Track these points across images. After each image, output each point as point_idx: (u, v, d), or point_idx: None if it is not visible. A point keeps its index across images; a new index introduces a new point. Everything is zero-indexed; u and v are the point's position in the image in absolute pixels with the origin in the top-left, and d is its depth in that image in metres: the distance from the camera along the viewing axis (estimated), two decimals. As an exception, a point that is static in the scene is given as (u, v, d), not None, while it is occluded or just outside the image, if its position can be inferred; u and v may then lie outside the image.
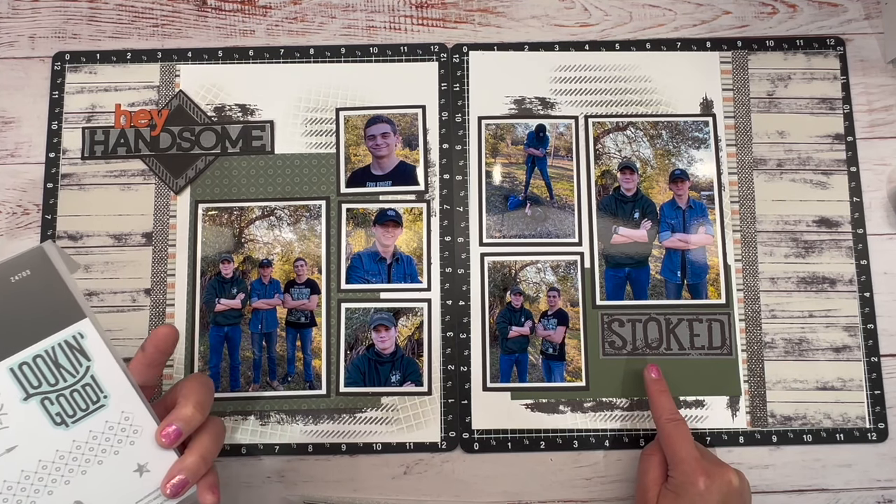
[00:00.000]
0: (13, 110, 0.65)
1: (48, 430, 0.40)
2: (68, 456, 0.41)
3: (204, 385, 0.46)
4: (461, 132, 0.65)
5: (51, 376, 0.41)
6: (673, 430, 0.53)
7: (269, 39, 0.67)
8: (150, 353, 0.45)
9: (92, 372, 0.41)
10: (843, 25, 0.67)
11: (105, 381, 0.42)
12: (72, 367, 0.41)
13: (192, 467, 0.42)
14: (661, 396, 0.56)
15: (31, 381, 0.40)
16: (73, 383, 0.41)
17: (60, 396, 0.41)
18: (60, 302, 0.41)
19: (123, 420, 0.42)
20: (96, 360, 0.42)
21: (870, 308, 0.62)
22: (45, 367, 0.41)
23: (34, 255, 0.41)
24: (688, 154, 0.64)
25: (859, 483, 0.60)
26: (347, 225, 0.63)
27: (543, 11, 0.67)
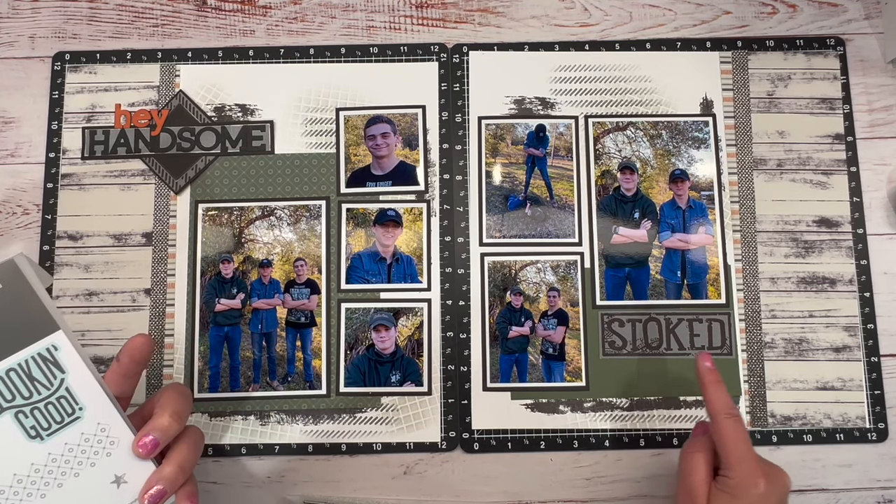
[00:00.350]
0: (13, 110, 0.65)
1: (23, 444, 0.40)
2: (44, 469, 0.40)
3: (181, 394, 0.46)
4: (461, 132, 0.65)
5: (24, 389, 0.40)
6: (732, 427, 0.48)
7: (269, 39, 0.67)
8: (125, 363, 0.44)
9: (66, 384, 0.41)
10: (843, 25, 0.67)
11: (80, 392, 0.41)
12: (46, 379, 0.41)
13: (170, 477, 0.42)
14: (717, 388, 0.50)
15: (5, 394, 0.40)
16: (47, 396, 0.41)
17: (35, 409, 0.41)
18: (33, 314, 0.41)
19: (100, 431, 0.41)
20: (71, 372, 0.41)
21: (870, 308, 0.62)
22: (19, 381, 0.40)
23: (6, 269, 0.40)
24: (688, 154, 0.64)
25: (859, 483, 0.60)
26: (347, 225, 0.63)
27: (543, 11, 0.67)
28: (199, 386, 0.61)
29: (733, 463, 0.47)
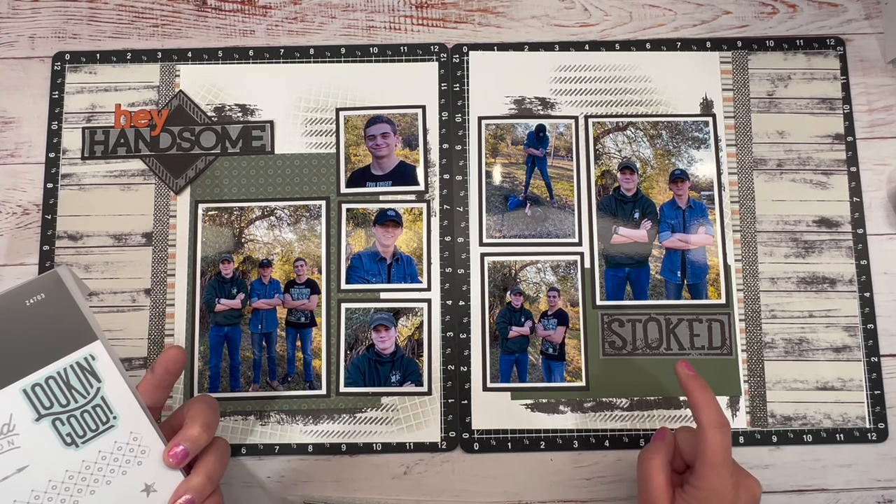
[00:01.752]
0: (13, 110, 0.65)
1: (59, 451, 0.41)
2: (77, 476, 0.41)
3: (210, 406, 0.46)
4: (461, 132, 0.65)
5: (62, 397, 0.41)
6: (720, 440, 0.46)
7: (269, 39, 0.67)
8: (159, 374, 0.45)
9: (102, 393, 0.42)
10: (843, 25, 0.67)
11: (115, 401, 0.42)
12: (83, 388, 0.42)
13: (199, 487, 0.43)
14: (705, 395, 0.48)
15: (44, 401, 0.41)
16: (83, 404, 0.42)
17: (71, 417, 0.41)
18: (73, 324, 0.42)
19: (132, 440, 0.42)
20: (106, 382, 0.42)
21: (870, 308, 0.62)
22: (57, 389, 0.41)
23: (49, 280, 0.41)
24: (688, 154, 0.64)
25: (859, 483, 0.60)
26: (347, 225, 0.63)
27: (543, 11, 0.67)
28: (199, 386, 0.61)
29: (707, 474, 0.46)
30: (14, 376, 0.40)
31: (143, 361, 0.61)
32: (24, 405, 0.40)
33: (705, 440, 0.46)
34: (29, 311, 0.41)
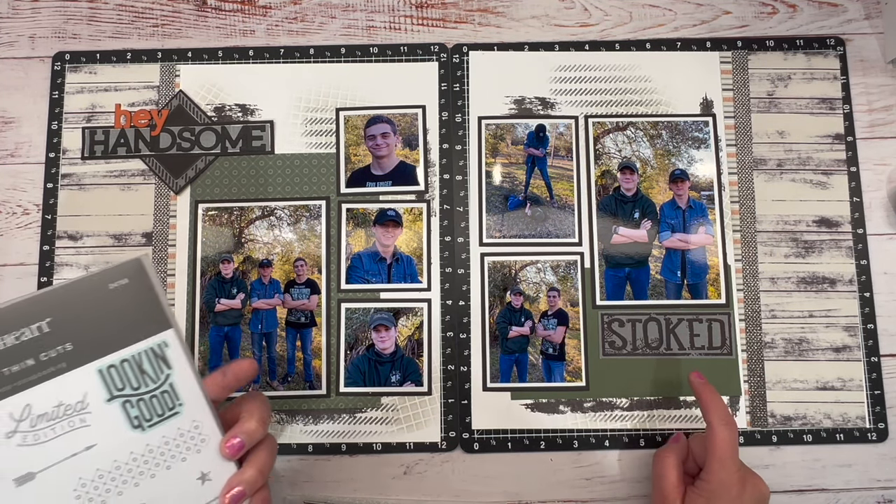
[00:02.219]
0: (13, 110, 0.65)
1: (126, 432, 0.42)
2: (140, 459, 0.42)
3: (265, 403, 0.48)
4: (461, 132, 0.65)
5: (134, 380, 0.42)
6: (727, 434, 0.50)
7: (269, 39, 0.67)
8: (229, 378, 0.46)
9: (171, 380, 0.43)
10: (843, 25, 0.67)
11: (182, 389, 0.43)
12: (154, 373, 0.43)
13: (251, 480, 0.44)
14: (713, 395, 0.52)
15: (117, 383, 0.42)
16: (153, 389, 0.42)
17: (140, 401, 0.42)
18: (151, 311, 0.43)
19: (193, 429, 0.43)
20: (176, 369, 0.43)
21: (870, 308, 0.62)
22: (131, 372, 0.42)
23: (132, 266, 0.42)
24: (688, 154, 0.64)
25: (859, 483, 0.60)
26: (347, 225, 0.63)
27: (543, 11, 0.67)
28: (199, 386, 0.61)
29: (715, 467, 0.49)
30: (92, 356, 0.41)
31: (143, 361, 0.61)
32: (99, 385, 0.41)
33: (714, 435, 0.50)
34: (111, 295, 0.42)
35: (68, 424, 0.40)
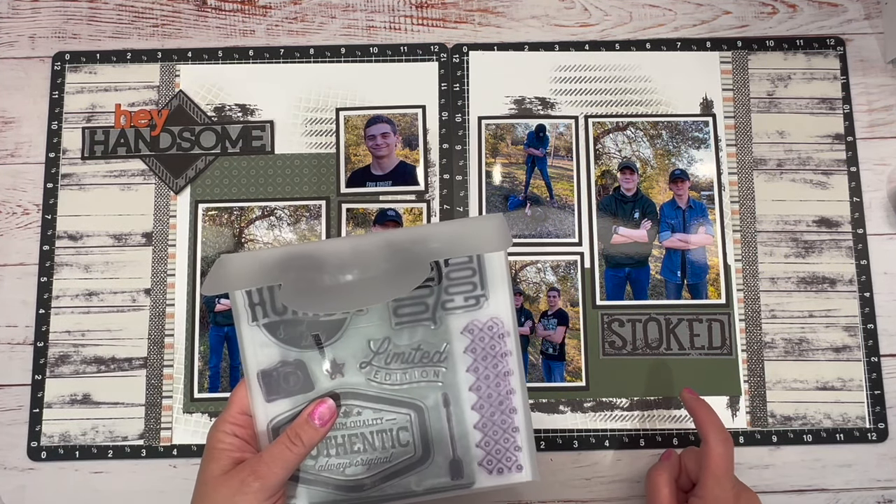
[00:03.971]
0: (13, 110, 0.65)
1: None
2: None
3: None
4: (461, 132, 0.65)
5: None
6: (723, 451, 0.49)
7: (269, 39, 0.67)
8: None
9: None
10: (843, 25, 0.67)
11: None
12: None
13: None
14: (709, 411, 0.52)
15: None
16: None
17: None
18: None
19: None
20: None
21: (870, 308, 0.62)
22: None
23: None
24: (688, 154, 0.64)
25: (859, 483, 0.60)
26: (347, 225, 0.63)
27: (543, 11, 0.67)
28: (199, 386, 0.61)
29: (710, 483, 0.49)
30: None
31: (143, 361, 0.61)
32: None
33: (710, 452, 0.49)
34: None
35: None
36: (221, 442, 0.42)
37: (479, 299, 0.44)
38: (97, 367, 0.61)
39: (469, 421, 0.44)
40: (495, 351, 0.44)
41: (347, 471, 0.44)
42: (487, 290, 0.44)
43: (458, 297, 0.44)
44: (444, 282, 0.44)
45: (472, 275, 0.44)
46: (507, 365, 0.44)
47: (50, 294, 0.62)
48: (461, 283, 0.44)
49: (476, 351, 0.44)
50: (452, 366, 0.44)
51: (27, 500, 0.60)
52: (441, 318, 0.44)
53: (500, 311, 0.44)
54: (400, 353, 0.44)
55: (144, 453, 0.60)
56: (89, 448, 0.60)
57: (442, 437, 0.44)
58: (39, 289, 0.62)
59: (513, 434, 0.44)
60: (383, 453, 0.44)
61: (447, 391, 0.44)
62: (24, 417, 0.60)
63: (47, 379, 0.61)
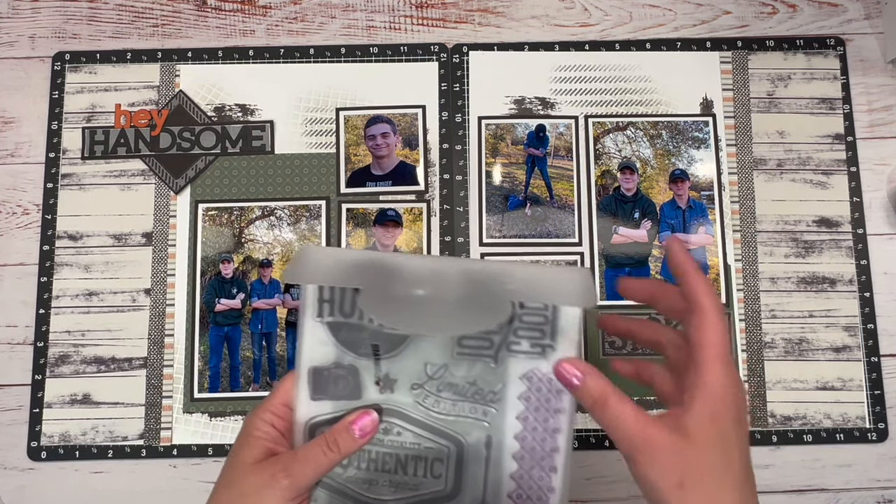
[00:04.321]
0: (13, 110, 0.65)
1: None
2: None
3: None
4: (461, 132, 0.65)
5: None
6: (725, 325, 0.37)
7: (269, 39, 0.67)
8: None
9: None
10: (843, 25, 0.67)
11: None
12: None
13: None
14: (703, 278, 0.39)
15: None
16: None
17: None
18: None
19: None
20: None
21: (870, 308, 0.62)
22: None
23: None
24: (688, 154, 0.64)
25: (859, 483, 0.60)
26: (347, 225, 0.63)
27: (543, 11, 0.67)
28: (199, 386, 0.61)
29: (714, 367, 0.36)
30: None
31: (143, 361, 0.61)
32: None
33: (707, 324, 0.37)
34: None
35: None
36: (259, 429, 0.41)
37: (546, 349, 0.42)
38: (97, 367, 0.61)
39: (506, 469, 0.42)
40: (549, 405, 0.43)
41: (373, 488, 0.43)
42: (556, 342, 0.42)
43: (525, 341, 0.42)
44: (514, 323, 0.42)
45: (544, 322, 0.42)
46: (558, 422, 0.42)
47: (50, 294, 0.62)
48: (531, 328, 0.42)
49: (530, 400, 0.43)
50: (503, 409, 0.42)
51: (27, 500, 0.60)
52: (503, 359, 0.42)
53: None
54: (454, 384, 0.43)
55: (144, 453, 0.60)
56: (89, 448, 0.60)
57: (476, 478, 0.43)
58: (39, 289, 0.62)
59: (547, 494, 0.42)
60: (413, 479, 0.43)
61: (492, 433, 0.43)
62: (24, 417, 0.60)
63: (47, 379, 0.61)
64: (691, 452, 0.35)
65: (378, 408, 0.43)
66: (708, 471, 0.35)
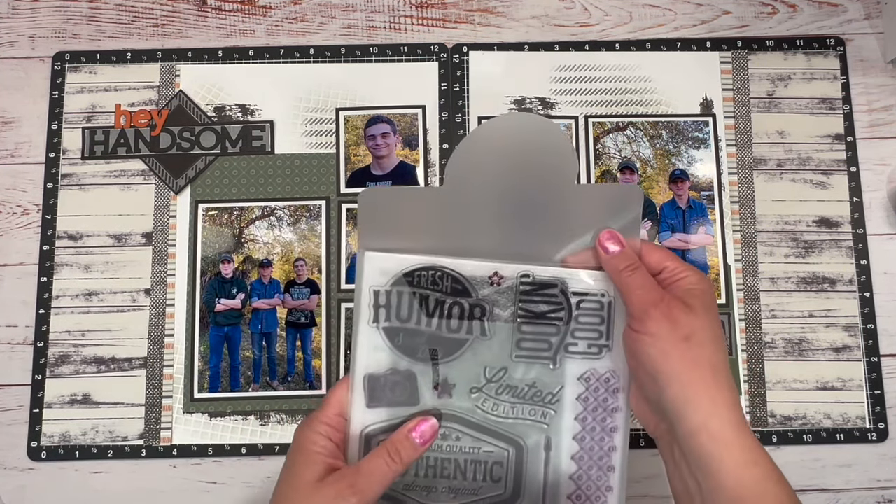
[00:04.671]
0: (13, 110, 0.65)
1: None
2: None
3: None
4: (461, 132, 0.65)
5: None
6: (709, 283, 0.42)
7: (269, 39, 0.67)
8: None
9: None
10: (843, 25, 0.67)
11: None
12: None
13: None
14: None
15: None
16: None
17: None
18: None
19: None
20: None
21: (870, 308, 0.62)
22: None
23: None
24: (688, 154, 0.64)
25: (859, 483, 0.60)
26: (347, 225, 0.63)
27: (543, 11, 0.67)
28: (199, 386, 0.61)
29: (709, 315, 0.40)
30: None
31: (143, 361, 0.61)
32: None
33: (689, 278, 0.41)
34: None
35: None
36: (315, 444, 0.40)
37: (602, 349, 0.43)
38: (97, 367, 0.61)
39: (565, 470, 0.43)
40: (607, 405, 0.43)
41: (431, 495, 0.43)
42: (612, 342, 0.43)
43: (583, 342, 0.43)
44: (571, 324, 0.43)
45: (601, 323, 0.43)
46: (615, 421, 0.43)
47: (50, 294, 0.62)
48: (588, 328, 0.43)
49: (587, 401, 0.43)
50: (561, 410, 0.43)
51: (27, 500, 0.60)
52: (561, 360, 0.43)
53: (619, 365, 0.43)
54: (513, 387, 0.43)
55: (144, 453, 0.60)
56: (89, 448, 0.60)
57: (535, 481, 0.43)
58: (39, 289, 0.62)
59: (605, 493, 0.43)
60: (472, 484, 0.43)
61: (551, 435, 0.43)
62: (24, 417, 0.60)
63: (47, 379, 0.61)
64: (698, 316, 0.40)
65: (436, 413, 0.42)
66: (710, 332, 0.40)
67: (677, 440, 0.39)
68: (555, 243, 0.43)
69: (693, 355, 0.39)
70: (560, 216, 0.43)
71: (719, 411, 0.38)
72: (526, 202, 0.43)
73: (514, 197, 0.43)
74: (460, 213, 0.43)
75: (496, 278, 0.43)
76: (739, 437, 0.38)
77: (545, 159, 0.42)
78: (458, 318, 0.43)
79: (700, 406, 0.38)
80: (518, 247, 0.43)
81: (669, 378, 0.39)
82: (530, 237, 0.43)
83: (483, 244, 0.43)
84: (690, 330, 0.39)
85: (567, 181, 0.43)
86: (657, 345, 0.39)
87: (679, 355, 0.39)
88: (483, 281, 0.43)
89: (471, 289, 0.43)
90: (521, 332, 0.43)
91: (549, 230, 0.43)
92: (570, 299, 0.43)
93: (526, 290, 0.43)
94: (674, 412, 0.39)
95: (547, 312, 0.43)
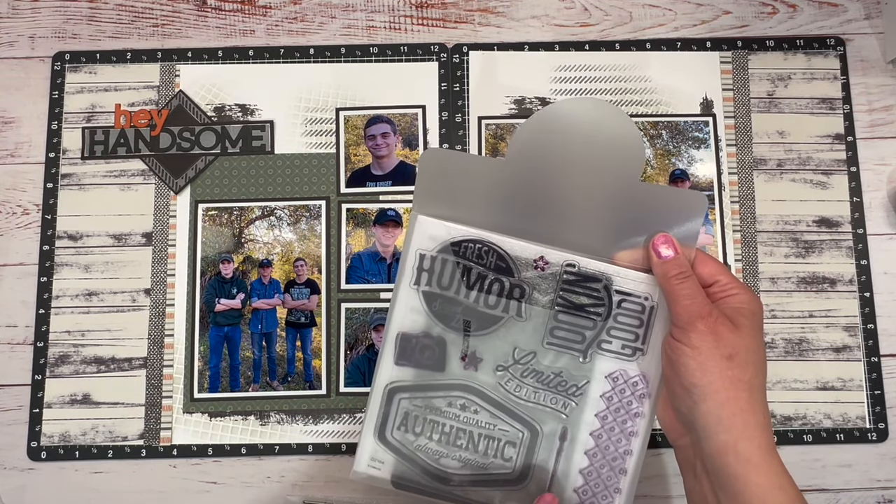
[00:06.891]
0: (13, 110, 0.65)
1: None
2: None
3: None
4: (461, 132, 0.65)
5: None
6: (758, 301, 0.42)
7: (269, 39, 0.67)
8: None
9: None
10: (843, 25, 0.67)
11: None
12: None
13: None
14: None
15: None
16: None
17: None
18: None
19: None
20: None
21: (870, 308, 0.62)
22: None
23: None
24: (688, 154, 0.64)
25: (859, 483, 0.60)
26: (347, 225, 0.63)
27: (543, 11, 0.67)
28: (199, 386, 0.61)
29: (755, 333, 0.40)
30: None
31: (143, 361, 0.61)
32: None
33: (745, 297, 0.41)
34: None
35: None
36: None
37: (636, 352, 0.43)
38: (97, 367, 0.61)
39: (577, 464, 0.43)
40: (630, 408, 0.43)
41: (442, 460, 0.44)
42: (647, 346, 0.43)
43: (617, 341, 0.43)
44: (609, 322, 0.43)
45: (639, 326, 0.43)
46: (636, 426, 0.43)
47: (50, 294, 0.62)
48: (625, 329, 0.43)
49: (612, 400, 0.43)
50: (583, 404, 0.43)
51: (27, 500, 0.60)
52: (592, 355, 0.43)
53: (651, 371, 0.43)
54: (539, 372, 0.43)
55: (144, 453, 0.60)
56: (89, 448, 0.60)
57: (544, 468, 0.43)
58: (39, 289, 0.62)
59: (613, 494, 0.43)
60: (483, 458, 0.43)
61: (568, 426, 0.43)
62: (24, 417, 0.60)
63: (47, 379, 0.61)
64: (744, 336, 0.39)
65: (465, 386, 0.44)
66: (754, 355, 0.39)
67: (702, 455, 0.40)
68: (606, 237, 0.43)
69: (733, 375, 0.39)
70: (618, 211, 0.43)
71: (750, 434, 0.38)
72: (585, 191, 0.43)
73: (574, 183, 0.43)
74: (517, 191, 0.43)
75: (541, 262, 0.43)
76: (767, 460, 0.38)
77: (612, 150, 0.42)
78: (496, 294, 0.43)
79: (732, 426, 0.38)
80: (568, 234, 0.43)
81: (705, 393, 0.39)
82: (583, 226, 0.43)
83: (534, 225, 0.43)
84: (734, 349, 0.39)
85: (632, 176, 0.42)
86: (698, 358, 0.39)
87: (719, 373, 0.38)
88: (528, 263, 0.43)
89: (514, 269, 0.43)
90: (557, 320, 0.43)
91: (604, 223, 0.43)
92: (612, 297, 0.43)
93: (569, 279, 0.43)
94: (704, 428, 0.39)
95: (586, 305, 0.43)
